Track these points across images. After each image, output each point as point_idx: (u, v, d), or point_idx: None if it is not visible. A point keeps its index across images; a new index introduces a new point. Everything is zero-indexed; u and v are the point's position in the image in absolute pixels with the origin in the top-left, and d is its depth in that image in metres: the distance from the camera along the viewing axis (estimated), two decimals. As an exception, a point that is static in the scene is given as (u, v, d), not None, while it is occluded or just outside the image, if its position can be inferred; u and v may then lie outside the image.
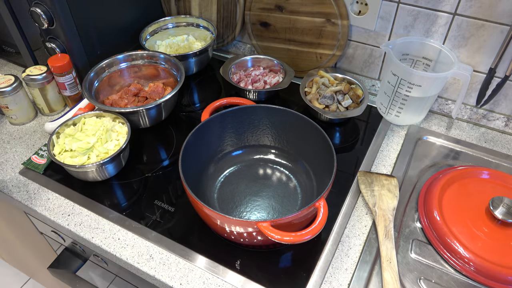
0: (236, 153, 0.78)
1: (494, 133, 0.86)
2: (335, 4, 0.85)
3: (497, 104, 0.84)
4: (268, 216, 0.68)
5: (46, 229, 0.88)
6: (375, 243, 0.65)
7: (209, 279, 0.61)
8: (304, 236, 0.53)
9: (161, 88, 0.88)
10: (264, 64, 0.98)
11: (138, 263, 0.64)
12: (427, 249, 0.65)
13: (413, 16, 0.81)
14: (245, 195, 0.71)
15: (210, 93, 0.99)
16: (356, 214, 0.70)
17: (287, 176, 0.75)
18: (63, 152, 0.73)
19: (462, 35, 0.79)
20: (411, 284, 0.61)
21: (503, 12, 0.73)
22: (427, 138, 0.85)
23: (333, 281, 0.61)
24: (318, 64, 0.96)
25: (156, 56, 0.90)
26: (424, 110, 0.85)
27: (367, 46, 0.91)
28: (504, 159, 0.80)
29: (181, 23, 1.06)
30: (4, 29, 0.92)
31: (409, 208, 0.71)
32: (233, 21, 1.01)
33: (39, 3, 0.79)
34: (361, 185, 0.73)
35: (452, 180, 0.72)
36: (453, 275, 0.62)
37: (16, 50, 0.98)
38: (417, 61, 0.85)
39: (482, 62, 0.80)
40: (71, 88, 0.87)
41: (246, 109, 0.74)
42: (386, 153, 0.82)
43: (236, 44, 1.08)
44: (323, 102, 0.85)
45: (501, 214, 0.64)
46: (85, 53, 0.88)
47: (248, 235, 0.58)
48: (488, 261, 0.60)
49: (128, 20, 0.98)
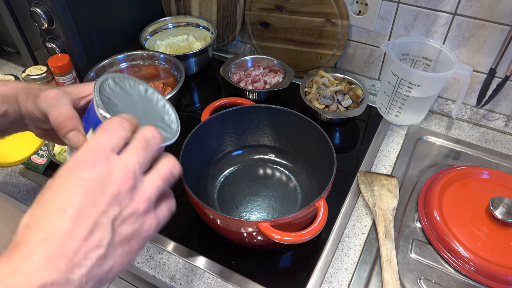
0: (236, 153, 0.78)
1: (494, 133, 0.86)
2: (335, 4, 0.85)
3: (497, 104, 0.84)
4: (268, 216, 0.68)
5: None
6: (375, 243, 0.65)
7: (209, 279, 0.61)
8: (304, 236, 0.53)
9: (161, 88, 0.88)
10: (264, 64, 0.98)
11: (138, 263, 0.64)
12: (427, 249, 0.65)
13: (413, 16, 0.81)
14: (245, 195, 0.71)
15: (210, 93, 0.99)
16: (356, 214, 0.70)
17: (287, 176, 0.75)
18: (63, 152, 0.73)
19: (462, 35, 0.79)
20: (411, 284, 0.61)
21: (503, 12, 0.73)
22: (427, 138, 0.85)
23: (333, 281, 0.61)
24: (318, 64, 0.96)
25: (156, 56, 0.90)
26: (424, 110, 0.85)
27: (367, 46, 0.91)
28: (504, 159, 0.80)
29: (181, 23, 1.06)
30: (4, 29, 0.92)
31: (409, 208, 0.71)
32: (233, 21, 1.01)
33: (39, 3, 0.79)
34: (361, 185, 0.72)
35: (452, 180, 0.72)
36: (453, 275, 0.62)
37: (16, 50, 0.98)
38: (417, 61, 0.85)
39: (482, 62, 0.80)
40: (71, 88, 0.87)
41: (246, 109, 0.74)
42: (386, 153, 0.82)
43: (236, 44, 1.08)
44: (323, 102, 0.85)
45: (501, 214, 0.64)
46: (85, 53, 0.88)
47: (248, 235, 0.58)
48: (488, 261, 0.60)
49: (128, 20, 0.98)
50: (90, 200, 0.31)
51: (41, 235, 0.29)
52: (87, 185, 0.32)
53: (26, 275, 0.28)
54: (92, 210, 0.31)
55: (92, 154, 0.33)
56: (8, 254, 0.29)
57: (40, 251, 0.29)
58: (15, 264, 0.28)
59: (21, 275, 0.28)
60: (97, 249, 0.31)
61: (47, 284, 0.28)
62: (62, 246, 0.29)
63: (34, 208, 0.32)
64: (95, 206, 0.31)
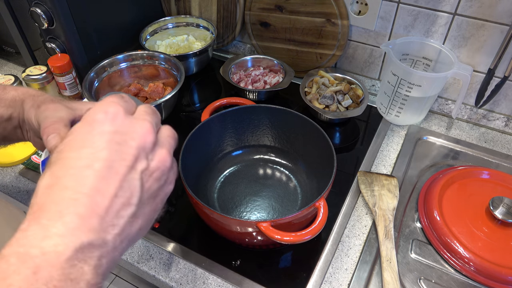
0: (236, 153, 0.78)
1: (494, 133, 0.86)
2: (335, 4, 0.85)
3: (497, 104, 0.84)
4: (268, 216, 0.68)
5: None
6: (375, 243, 0.65)
7: (209, 279, 0.61)
8: (304, 236, 0.53)
9: (161, 88, 0.88)
10: (264, 64, 0.98)
11: (138, 263, 0.64)
12: (427, 249, 0.65)
13: (413, 16, 0.81)
14: (245, 195, 0.71)
15: (210, 93, 0.99)
16: (356, 214, 0.70)
17: (287, 176, 0.75)
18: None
19: (462, 35, 0.79)
20: (411, 284, 0.61)
21: (503, 12, 0.73)
22: (427, 138, 0.85)
23: (333, 281, 0.61)
24: (318, 64, 0.96)
25: (156, 56, 0.90)
26: (424, 110, 0.85)
27: (367, 46, 0.91)
28: (504, 159, 0.80)
29: (181, 23, 1.06)
30: (4, 29, 0.92)
31: (409, 208, 0.71)
32: (233, 21, 1.01)
33: (39, 3, 0.79)
34: (361, 185, 0.72)
35: (452, 180, 0.72)
36: (453, 275, 0.62)
37: (16, 50, 0.98)
38: (417, 61, 0.85)
39: (482, 62, 0.80)
40: (71, 88, 0.87)
41: (246, 109, 0.74)
42: (386, 153, 0.82)
43: (236, 44, 1.08)
44: (323, 102, 0.85)
45: (501, 214, 0.64)
46: (85, 53, 0.88)
47: (248, 235, 0.58)
48: (488, 261, 0.60)
49: (128, 20, 0.98)
50: (118, 154, 0.29)
51: (68, 194, 0.27)
52: (112, 138, 0.30)
53: (60, 236, 0.26)
54: (120, 165, 0.29)
55: (110, 109, 0.31)
56: (33, 217, 0.27)
57: (71, 210, 0.27)
58: (46, 226, 0.26)
59: (55, 237, 0.25)
60: (129, 206, 0.29)
61: (84, 246, 0.26)
62: (94, 204, 0.27)
63: (54, 167, 0.29)
64: (123, 161, 0.29)
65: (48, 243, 0.25)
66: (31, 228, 0.26)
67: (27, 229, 0.26)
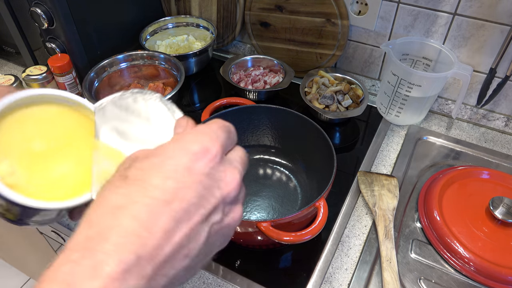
0: (236, 153, 0.78)
1: (494, 133, 0.86)
2: (335, 4, 0.85)
3: (497, 104, 0.84)
4: (268, 216, 0.68)
5: (46, 229, 0.88)
6: (375, 243, 0.65)
7: (209, 279, 0.61)
8: (304, 236, 0.53)
9: (161, 88, 0.88)
10: (264, 64, 0.98)
11: (138, 263, 0.64)
12: (427, 249, 0.65)
13: (413, 16, 0.81)
14: (245, 195, 0.71)
15: (210, 93, 0.99)
16: (356, 214, 0.70)
17: (287, 176, 0.75)
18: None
19: (462, 35, 0.79)
20: (411, 284, 0.61)
21: (503, 12, 0.73)
22: (427, 138, 0.85)
23: (333, 281, 0.61)
24: (318, 64, 0.96)
25: (156, 56, 0.90)
26: (424, 110, 0.85)
27: (367, 46, 0.91)
28: (504, 159, 0.80)
29: (181, 23, 1.06)
30: (4, 29, 0.92)
31: (409, 208, 0.71)
32: (233, 21, 1.01)
33: (39, 3, 0.79)
34: (361, 185, 0.72)
35: (452, 180, 0.72)
36: (453, 275, 0.62)
37: (16, 50, 0.98)
38: (417, 61, 0.85)
39: (482, 62, 0.80)
40: (71, 88, 0.87)
41: (246, 109, 0.74)
42: (386, 153, 0.82)
43: (236, 44, 1.09)
44: (323, 102, 0.85)
45: (501, 214, 0.64)
46: (85, 53, 0.88)
47: (248, 235, 0.58)
48: (488, 261, 0.60)
49: (128, 20, 0.98)
50: (199, 199, 0.26)
51: (135, 226, 0.24)
52: (202, 180, 0.26)
53: (111, 279, 0.22)
54: (197, 212, 0.26)
55: (211, 147, 0.28)
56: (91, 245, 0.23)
57: (132, 249, 0.23)
58: (100, 263, 0.23)
59: (105, 279, 0.22)
60: (185, 259, 0.26)
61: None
62: (157, 249, 0.24)
63: (132, 187, 0.26)
64: (202, 208, 0.26)
65: (94, 285, 0.22)
66: (84, 262, 0.23)
67: (80, 262, 0.23)
